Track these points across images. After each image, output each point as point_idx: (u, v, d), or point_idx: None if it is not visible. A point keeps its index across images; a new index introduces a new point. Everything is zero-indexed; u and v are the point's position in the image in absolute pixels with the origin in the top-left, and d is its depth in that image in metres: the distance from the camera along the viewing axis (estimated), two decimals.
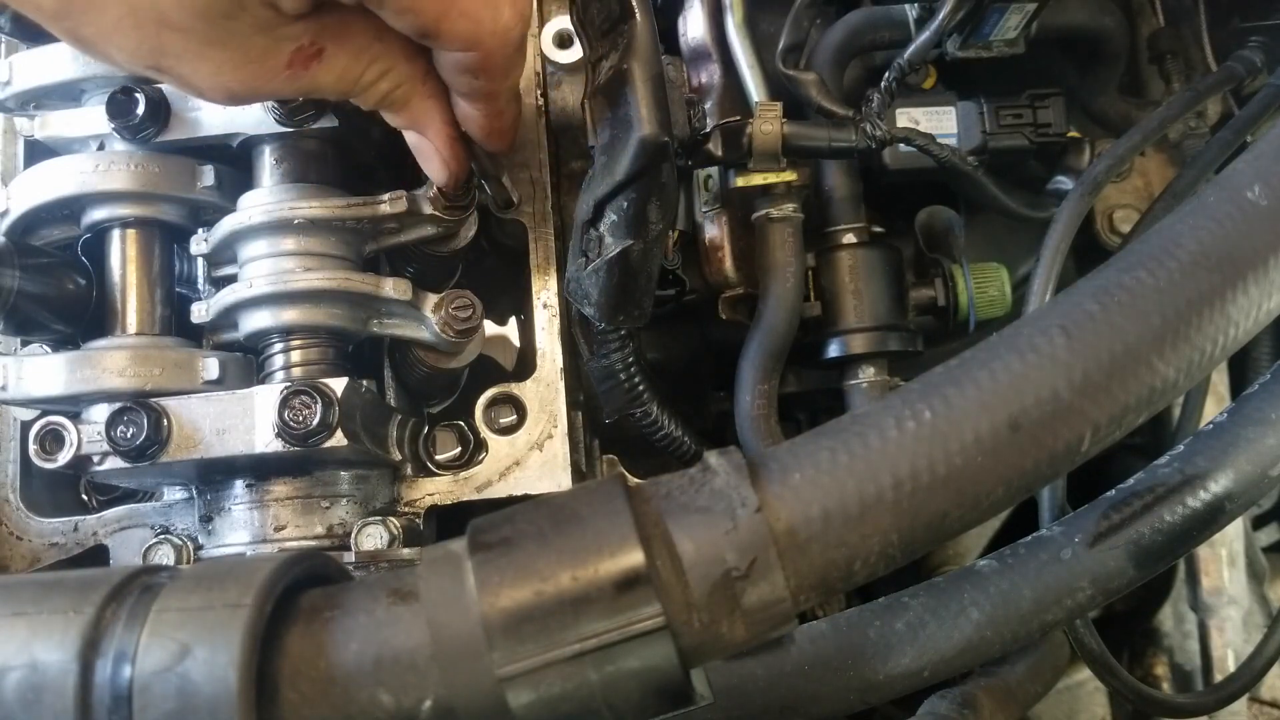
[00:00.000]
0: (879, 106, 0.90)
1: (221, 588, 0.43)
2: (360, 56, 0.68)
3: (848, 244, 0.98)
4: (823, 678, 0.69)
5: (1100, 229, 1.07)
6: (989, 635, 0.66)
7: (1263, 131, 0.91)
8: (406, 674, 0.42)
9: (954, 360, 0.49)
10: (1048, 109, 0.98)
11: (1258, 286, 0.48)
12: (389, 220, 0.83)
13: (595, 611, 0.42)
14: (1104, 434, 0.47)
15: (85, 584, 0.44)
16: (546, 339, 0.89)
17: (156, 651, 0.41)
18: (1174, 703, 0.92)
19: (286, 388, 0.75)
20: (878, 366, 0.97)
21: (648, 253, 0.77)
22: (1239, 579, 1.08)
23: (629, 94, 0.72)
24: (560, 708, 0.42)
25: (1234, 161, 0.53)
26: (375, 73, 0.69)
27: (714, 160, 0.92)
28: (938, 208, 1.04)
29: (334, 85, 0.69)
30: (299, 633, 0.43)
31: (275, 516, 0.81)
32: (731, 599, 0.44)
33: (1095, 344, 0.47)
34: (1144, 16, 1.08)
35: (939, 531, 0.47)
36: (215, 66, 0.63)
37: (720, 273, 1.03)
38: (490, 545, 0.44)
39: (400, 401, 0.91)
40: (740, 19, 1.01)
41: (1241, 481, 0.60)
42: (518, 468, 0.87)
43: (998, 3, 0.88)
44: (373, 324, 0.85)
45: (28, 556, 0.88)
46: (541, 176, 0.92)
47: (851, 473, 0.46)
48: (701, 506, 0.45)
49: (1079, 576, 0.64)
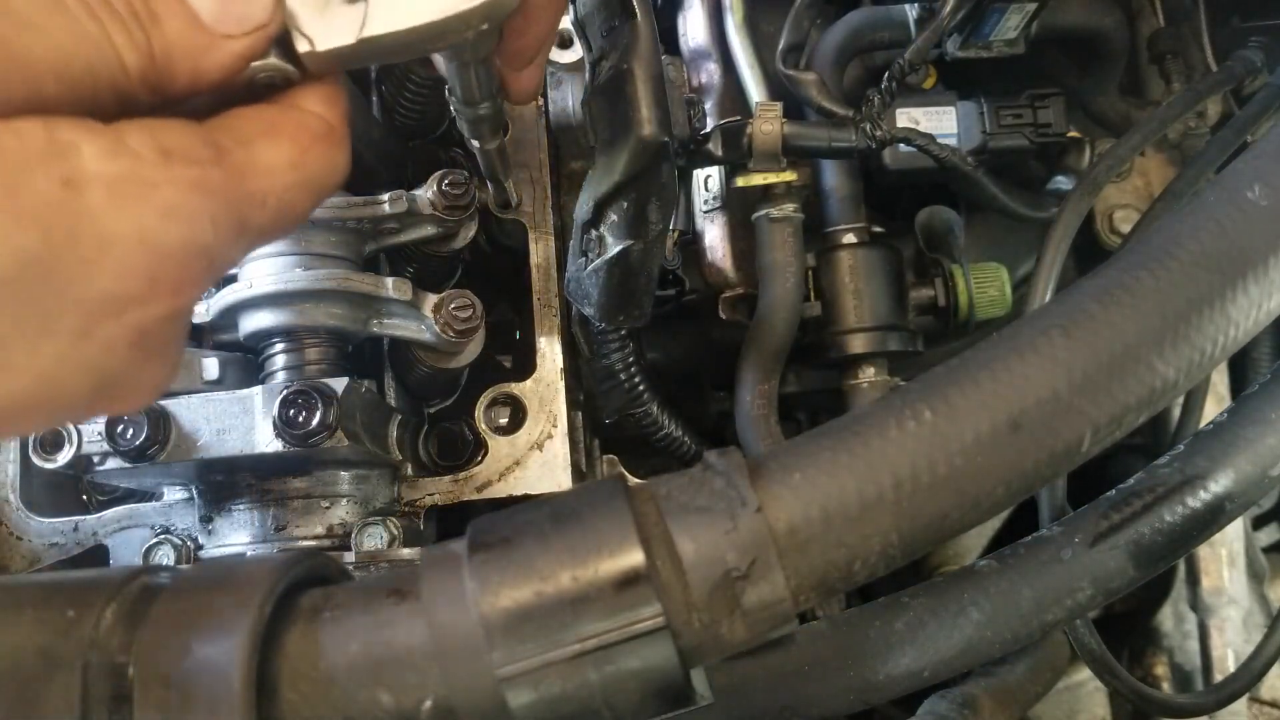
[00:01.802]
0: (879, 106, 0.90)
1: (222, 588, 0.43)
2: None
3: (848, 244, 0.98)
4: (823, 678, 0.69)
5: (1100, 229, 1.08)
6: (989, 635, 0.66)
7: (1263, 131, 0.91)
8: (406, 674, 0.42)
9: (954, 360, 0.49)
10: (1048, 109, 0.98)
11: (1258, 286, 0.48)
12: (389, 220, 0.83)
13: (595, 611, 0.42)
14: (1104, 434, 0.47)
15: (86, 584, 0.44)
16: (546, 339, 0.89)
17: (157, 652, 0.41)
18: (1174, 703, 0.92)
19: (286, 388, 0.75)
20: (878, 366, 0.97)
21: (648, 253, 0.77)
22: (1239, 579, 1.08)
23: (629, 94, 0.72)
24: (560, 708, 0.42)
25: (1234, 161, 0.53)
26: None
27: (714, 160, 0.92)
28: (938, 208, 1.04)
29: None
30: (299, 633, 0.43)
31: (275, 516, 0.81)
32: (732, 599, 0.44)
33: (1095, 344, 0.47)
34: (1144, 16, 1.08)
35: (939, 532, 0.47)
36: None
37: (720, 273, 1.03)
38: (490, 545, 0.44)
39: (400, 401, 0.91)
40: (740, 19, 1.01)
41: (1241, 481, 0.60)
42: (518, 468, 0.87)
43: (998, 3, 0.88)
44: (373, 324, 0.85)
45: (28, 556, 0.88)
46: (541, 176, 0.92)
47: (852, 473, 0.46)
48: (702, 506, 0.45)
49: (1079, 576, 0.64)
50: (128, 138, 0.43)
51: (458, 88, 0.70)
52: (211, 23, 0.47)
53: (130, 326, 0.43)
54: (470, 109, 0.71)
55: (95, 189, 0.41)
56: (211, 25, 0.47)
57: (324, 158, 0.51)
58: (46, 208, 0.40)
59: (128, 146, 0.43)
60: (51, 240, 0.40)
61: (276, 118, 0.50)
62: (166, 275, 0.44)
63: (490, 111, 0.72)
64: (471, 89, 0.69)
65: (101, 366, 0.43)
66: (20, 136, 0.40)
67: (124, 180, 0.42)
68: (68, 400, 0.44)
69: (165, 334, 0.46)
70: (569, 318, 0.93)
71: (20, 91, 0.40)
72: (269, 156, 0.48)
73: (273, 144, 0.49)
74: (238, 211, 0.46)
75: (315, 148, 0.51)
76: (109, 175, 0.41)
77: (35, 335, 0.41)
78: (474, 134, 0.77)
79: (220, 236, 0.45)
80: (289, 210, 0.50)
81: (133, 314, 0.43)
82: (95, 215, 0.41)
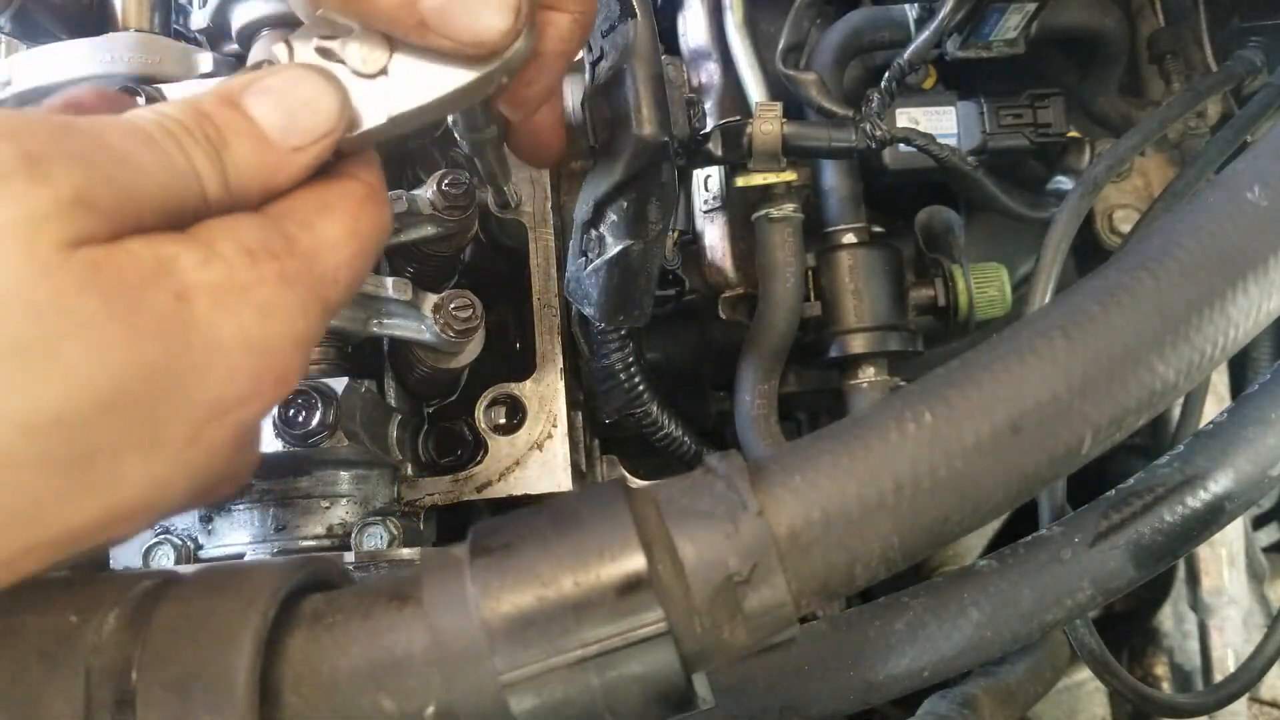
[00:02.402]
0: (879, 106, 0.90)
1: (225, 593, 0.43)
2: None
3: (848, 244, 0.98)
4: (823, 678, 0.69)
5: (1100, 229, 1.08)
6: (989, 635, 0.66)
7: (1263, 131, 0.91)
8: (408, 679, 0.42)
9: (954, 361, 0.49)
10: (1048, 109, 0.98)
11: (1258, 287, 0.48)
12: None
13: (597, 616, 0.42)
14: (1104, 436, 0.47)
15: (88, 588, 0.44)
16: (546, 339, 0.89)
17: (160, 657, 0.41)
18: (1174, 703, 0.92)
19: None
20: (878, 366, 0.97)
21: (648, 253, 0.77)
22: (1239, 579, 1.08)
23: (629, 94, 0.72)
24: (562, 713, 0.42)
25: (1234, 161, 0.53)
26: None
27: (714, 160, 0.92)
28: (938, 208, 1.04)
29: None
30: (301, 638, 0.43)
31: (275, 516, 0.81)
32: (733, 603, 0.44)
33: (1095, 345, 0.47)
34: (1144, 16, 1.08)
35: (940, 534, 0.47)
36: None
37: (720, 273, 1.03)
38: (491, 549, 0.44)
39: (400, 401, 0.91)
40: (740, 19, 1.01)
41: (1241, 481, 0.60)
42: (518, 468, 0.87)
43: (998, 3, 0.88)
44: (373, 324, 0.85)
45: None
46: (541, 176, 0.92)
47: (853, 476, 0.46)
48: (703, 510, 0.45)
49: (1079, 576, 0.64)
50: (216, 245, 0.44)
51: (461, 120, 0.70)
52: (279, 139, 0.49)
53: (234, 425, 0.45)
54: (473, 133, 0.72)
55: (201, 299, 0.43)
56: (279, 142, 0.49)
57: (374, 219, 0.52)
58: (165, 322, 0.41)
59: (218, 253, 0.44)
60: (171, 352, 0.41)
61: (326, 193, 0.51)
62: (269, 371, 0.45)
63: (492, 135, 0.73)
64: (475, 118, 0.70)
65: (206, 467, 0.44)
66: (132, 256, 0.41)
67: (222, 288, 0.43)
68: (172, 504, 0.45)
69: (257, 429, 0.49)
70: (569, 318, 0.93)
71: (128, 223, 0.42)
72: (330, 233, 0.50)
73: (330, 219, 0.50)
74: (320, 294, 0.48)
75: (364, 213, 0.52)
76: (208, 284, 0.43)
77: (149, 446, 0.42)
78: (475, 153, 0.77)
79: (310, 323, 0.47)
80: (357, 278, 0.51)
81: (236, 414, 0.44)
82: (203, 324, 0.42)
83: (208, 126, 0.46)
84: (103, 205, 0.41)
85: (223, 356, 0.43)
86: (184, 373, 0.42)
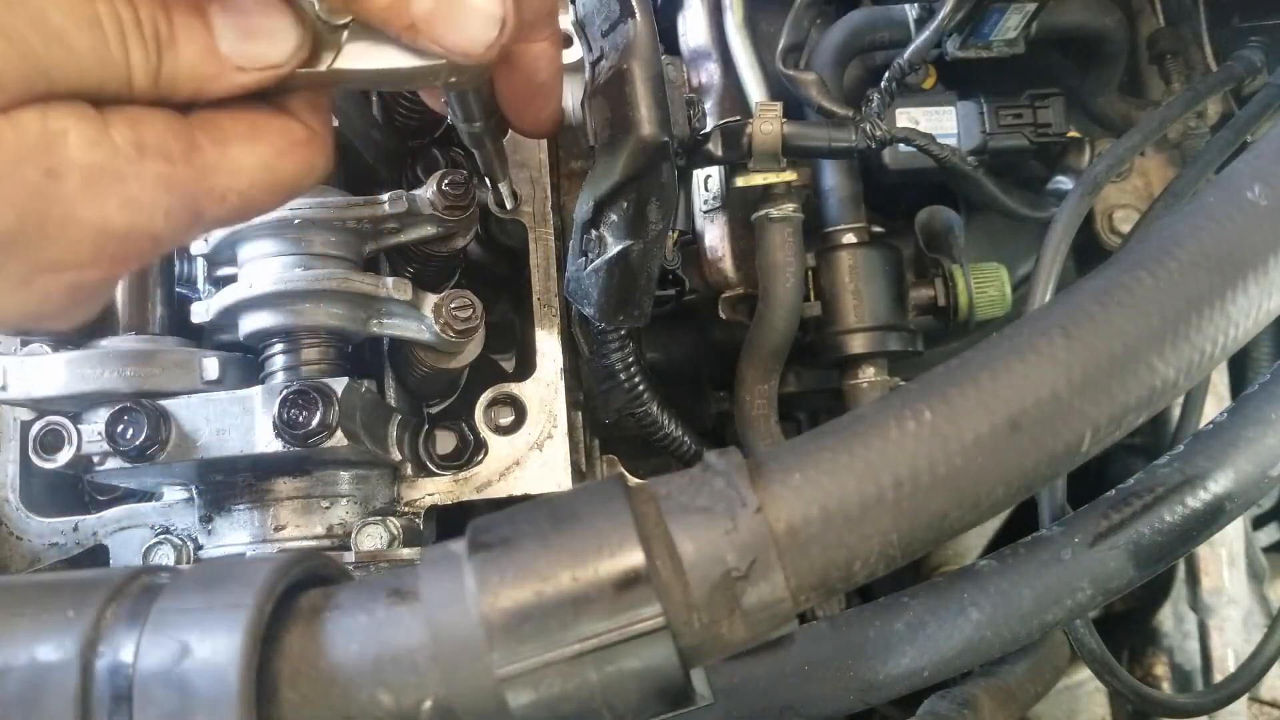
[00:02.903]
0: (879, 106, 0.90)
1: (222, 588, 0.43)
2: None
3: (848, 244, 0.98)
4: (823, 678, 0.69)
5: (1100, 229, 1.08)
6: (989, 635, 0.66)
7: (1263, 131, 0.91)
8: (406, 674, 0.42)
9: (954, 360, 0.49)
10: (1048, 109, 0.98)
11: (1258, 286, 0.48)
12: (389, 220, 0.83)
13: (595, 612, 0.42)
14: (1104, 434, 0.47)
15: (85, 584, 0.44)
16: (546, 339, 0.89)
17: (156, 652, 0.41)
18: (1174, 703, 0.92)
19: (286, 388, 0.75)
20: (878, 366, 0.97)
21: (648, 253, 0.77)
22: (1239, 579, 1.08)
23: (629, 94, 0.72)
24: (560, 708, 0.42)
25: (1234, 161, 0.53)
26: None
27: (714, 160, 0.92)
28: (938, 208, 1.04)
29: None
30: (299, 633, 0.43)
31: (275, 516, 0.81)
32: (732, 599, 0.44)
33: (1095, 344, 0.47)
34: (1144, 16, 1.08)
35: (939, 532, 0.47)
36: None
37: (720, 273, 1.03)
38: (490, 545, 0.44)
39: (400, 401, 0.91)
40: (740, 19, 1.01)
41: (1241, 481, 0.60)
42: (518, 468, 0.87)
43: (998, 3, 0.88)
44: (373, 324, 0.85)
45: (28, 556, 0.88)
46: (541, 176, 0.92)
47: (852, 473, 0.46)
48: (702, 507, 0.45)
49: (1079, 576, 0.64)
50: (111, 129, 0.47)
51: (456, 108, 0.71)
52: (227, 53, 0.50)
53: (67, 283, 0.49)
54: (468, 125, 0.72)
55: (72, 178, 0.46)
56: (226, 56, 0.50)
57: (300, 162, 0.54)
58: (27, 195, 0.45)
59: (109, 138, 0.47)
60: (23, 221, 0.45)
61: (260, 121, 0.53)
62: (109, 252, 0.48)
63: (488, 127, 0.73)
64: (470, 109, 0.70)
65: (39, 306, 0.49)
66: (18, 129, 0.44)
67: (99, 171, 0.46)
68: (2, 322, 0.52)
69: (98, 289, 0.51)
70: (569, 318, 0.93)
71: (33, 94, 0.45)
72: (241, 157, 0.52)
73: (249, 146, 0.52)
74: (195, 204, 0.50)
75: (293, 152, 0.54)
76: (87, 165, 0.46)
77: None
78: (473, 145, 0.78)
79: (170, 226, 0.50)
80: (249, 205, 0.53)
81: (71, 275, 0.48)
82: (66, 201, 0.46)
83: (161, 23, 0.48)
84: (7, 79, 0.43)
85: (72, 230, 0.46)
86: (31, 236, 0.46)
